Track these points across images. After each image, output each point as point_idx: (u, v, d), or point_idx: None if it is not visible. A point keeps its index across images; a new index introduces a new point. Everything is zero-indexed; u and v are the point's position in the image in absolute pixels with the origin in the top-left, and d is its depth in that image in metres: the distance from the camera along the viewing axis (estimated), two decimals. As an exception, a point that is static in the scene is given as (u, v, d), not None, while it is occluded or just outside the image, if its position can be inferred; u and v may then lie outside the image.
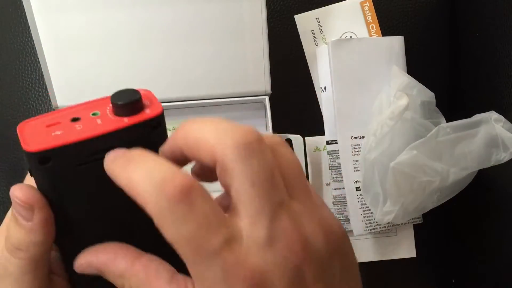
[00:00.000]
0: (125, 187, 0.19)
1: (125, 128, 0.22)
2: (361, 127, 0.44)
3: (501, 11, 0.42)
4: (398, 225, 0.47)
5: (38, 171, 0.21)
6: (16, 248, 0.22)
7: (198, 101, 0.38)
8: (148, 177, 0.19)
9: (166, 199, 0.18)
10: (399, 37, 0.45)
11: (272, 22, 0.45)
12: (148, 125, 0.22)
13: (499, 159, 0.40)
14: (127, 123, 0.22)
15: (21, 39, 0.43)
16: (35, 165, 0.21)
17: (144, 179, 0.19)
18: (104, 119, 0.22)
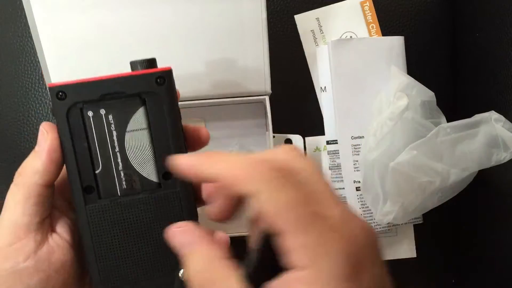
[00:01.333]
0: (217, 178, 0.21)
1: (133, 75, 0.25)
2: (361, 127, 0.44)
3: (501, 11, 0.42)
4: (398, 225, 0.47)
5: (57, 107, 0.25)
6: (18, 174, 0.26)
7: (198, 101, 0.38)
8: (239, 162, 0.21)
9: (261, 173, 0.20)
10: (399, 37, 0.45)
11: (272, 22, 0.45)
12: (154, 78, 0.25)
13: (500, 159, 0.40)
14: (134, 73, 0.25)
15: (21, 39, 0.43)
16: (54, 100, 0.25)
17: (235, 164, 0.21)
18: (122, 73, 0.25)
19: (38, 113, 0.43)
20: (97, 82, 0.25)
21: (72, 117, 0.25)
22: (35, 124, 0.43)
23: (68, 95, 0.25)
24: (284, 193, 0.20)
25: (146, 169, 0.26)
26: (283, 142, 0.44)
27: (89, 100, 0.25)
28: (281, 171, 0.20)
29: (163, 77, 0.25)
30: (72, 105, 0.25)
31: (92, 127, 0.25)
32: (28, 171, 0.25)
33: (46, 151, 0.25)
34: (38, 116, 0.43)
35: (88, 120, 0.25)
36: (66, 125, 0.25)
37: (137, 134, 0.26)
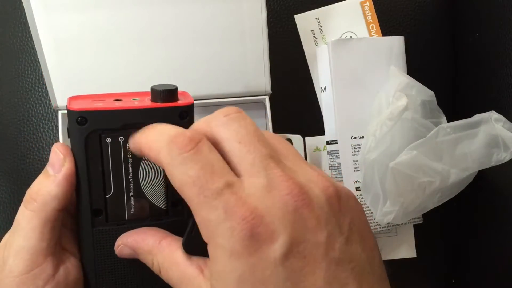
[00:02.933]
0: (142, 148, 0.23)
1: (154, 108, 0.25)
2: (361, 127, 0.44)
3: (501, 11, 0.42)
4: (398, 225, 0.47)
5: (75, 131, 0.24)
6: (32, 199, 0.25)
7: (198, 101, 0.38)
8: (161, 133, 0.22)
9: (176, 147, 0.20)
10: (399, 37, 0.45)
11: (272, 22, 0.45)
12: (176, 112, 0.25)
13: (500, 159, 0.40)
14: (157, 105, 0.25)
15: (21, 39, 0.43)
16: (73, 124, 0.24)
17: (158, 135, 0.22)
18: (141, 102, 0.25)
19: (38, 113, 0.43)
20: (119, 111, 0.24)
21: (90, 142, 0.25)
22: (35, 124, 0.43)
23: (89, 122, 0.24)
24: (188, 169, 0.20)
25: (156, 197, 0.26)
26: (283, 142, 0.44)
27: (109, 129, 0.25)
28: (193, 143, 0.21)
29: (187, 112, 0.25)
30: (91, 132, 0.24)
31: (109, 153, 0.25)
32: (45, 197, 0.24)
33: (65, 177, 0.24)
34: (38, 116, 0.43)
35: (105, 146, 0.25)
36: (83, 150, 0.25)
37: (152, 163, 0.26)
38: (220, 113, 0.22)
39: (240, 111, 0.23)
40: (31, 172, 0.43)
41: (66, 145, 0.25)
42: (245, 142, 0.21)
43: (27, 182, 0.43)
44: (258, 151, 0.21)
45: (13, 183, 0.43)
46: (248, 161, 0.21)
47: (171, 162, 0.21)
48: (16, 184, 0.43)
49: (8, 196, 0.43)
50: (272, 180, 0.20)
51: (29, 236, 0.24)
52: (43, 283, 0.24)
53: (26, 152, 0.43)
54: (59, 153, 0.25)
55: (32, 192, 0.25)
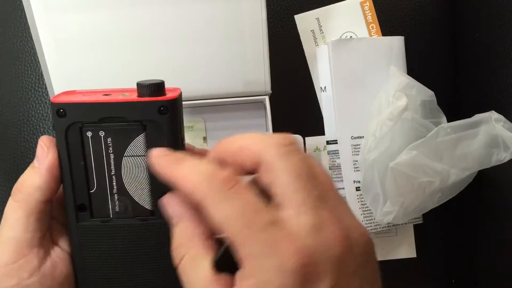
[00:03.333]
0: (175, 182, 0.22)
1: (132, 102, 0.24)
2: (361, 127, 0.44)
3: (501, 11, 0.42)
4: (398, 225, 0.47)
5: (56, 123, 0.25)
6: (17, 190, 0.25)
7: (198, 101, 0.38)
8: (198, 171, 0.21)
9: (216, 185, 0.20)
10: (399, 37, 0.45)
11: (272, 22, 0.45)
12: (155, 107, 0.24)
13: (500, 159, 0.40)
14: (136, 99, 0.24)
15: (21, 39, 0.43)
16: (54, 117, 0.24)
17: (194, 172, 0.21)
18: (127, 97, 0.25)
19: (38, 113, 0.43)
20: (98, 104, 0.24)
21: (71, 135, 0.25)
22: (35, 124, 0.43)
23: (68, 114, 0.24)
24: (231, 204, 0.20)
25: (140, 195, 0.26)
26: (283, 142, 0.44)
27: (88, 121, 0.25)
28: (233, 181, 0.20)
29: (166, 106, 0.25)
30: (71, 124, 0.25)
31: (90, 147, 0.25)
32: (28, 188, 0.25)
33: (47, 168, 0.25)
34: (38, 116, 0.43)
35: (86, 139, 0.25)
36: (64, 142, 0.25)
37: (134, 160, 0.25)
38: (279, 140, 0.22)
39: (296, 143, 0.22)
40: (31, 172, 0.43)
41: (51, 137, 0.25)
42: (301, 179, 0.20)
43: (27, 182, 0.43)
44: (311, 191, 0.20)
45: (13, 183, 0.43)
46: (299, 199, 0.20)
47: (212, 197, 0.20)
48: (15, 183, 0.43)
49: (8, 196, 0.43)
50: (321, 221, 0.20)
51: (14, 226, 0.25)
52: (28, 274, 0.24)
53: (26, 152, 0.43)
54: (43, 145, 0.25)
55: (18, 184, 0.25)
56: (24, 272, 0.24)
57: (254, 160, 0.21)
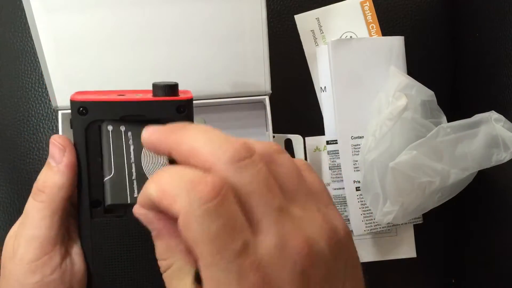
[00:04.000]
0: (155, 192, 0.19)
1: (153, 101, 0.25)
2: (361, 127, 0.44)
3: (501, 11, 0.42)
4: (398, 225, 0.47)
5: (76, 121, 0.25)
6: (39, 191, 0.26)
7: (198, 101, 0.38)
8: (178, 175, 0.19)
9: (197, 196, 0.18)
10: (399, 37, 0.45)
11: (272, 22, 0.45)
12: (174, 105, 0.25)
13: (500, 159, 0.40)
14: (156, 98, 0.25)
15: (21, 39, 0.43)
16: (75, 114, 0.25)
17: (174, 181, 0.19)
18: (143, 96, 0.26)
19: (38, 113, 0.43)
20: (119, 103, 0.25)
21: (91, 132, 0.26)
22: (35, 124, 0.43)
23: (89, 112, 0.25)
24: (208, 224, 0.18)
25: None
26: (283, 142, 0.44)
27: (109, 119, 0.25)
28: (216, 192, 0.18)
29: (184, 106, 0.26)
30: (91, 122, 0.25)
31: (110, 140, 0.26)
32: (52, 188, 0.25)
33: (69, 167, 0.25)
34: (38, 116, 0.43)
35: (106, 133, 0.26)
36: (84, 140, 0.26)
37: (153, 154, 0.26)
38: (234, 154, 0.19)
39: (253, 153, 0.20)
40: (31, 172, 0.43)
41: (64, 136, 0.26)
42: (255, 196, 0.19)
43: (27, 182, 0.43)
44: (269, 205, 0.19)
45: (13, 183, 0.43)
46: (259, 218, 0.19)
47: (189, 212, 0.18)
48: (16, 184, 0.43)
49: (8, 196, 0.43)
50: (282, 238, 0.19)
51: (39, 225, 0.25)
52: (51, 271, 0.25)
53: (26, 152, 0.43)
54: (58, 144, 0.26)
55: (39, 185, 0.26)
56: (47, 268, 0.25)
57: (205, 168, 0.19)
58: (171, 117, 0.25)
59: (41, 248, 0.25)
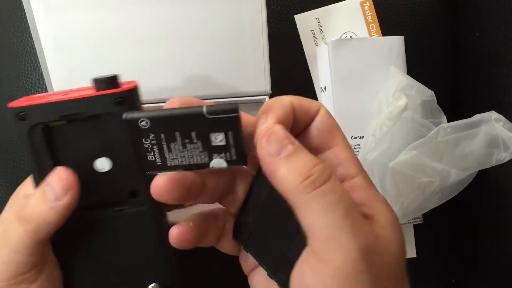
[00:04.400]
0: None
1: (90, 97, 0.25)
2: (361, 127, 0.44)
3: (502, 11, 0.42)
4: (398, 225, 0.47)
5: (18, 127, 0.25)
6: (26, 220, 0.24)
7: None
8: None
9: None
10: (399, 37, 0.45)
11: (272, 22, 0.45)
12: (112, 99, 0.25)
13: (500, 159, 0.40)
14: (92, 94, 0.25)
15: (21, 39, 0.43)
16: (15, 121, 0.25)
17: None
18: (85, 93, 0.25)
19: (38, 113, 0.43)
20: (57, 103, 0.25)
21: (34, 136, 0.25)
22: (35, 124, 0.43)
23: (29, 116, 0.24)
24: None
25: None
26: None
27: (49, 121, 0.25)
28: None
29: (122, 97, 0.25)
30: (33, 126, 0.25)
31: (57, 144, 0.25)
32: (40, 221, 0.24)
33: (67, 207, 0.24)
34: (38, 116, 0.43)
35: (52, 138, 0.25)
36: (29, 145, 0.25)
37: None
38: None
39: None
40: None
41: (71, 172, 0.24)
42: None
43: (27, 182, 0.43)
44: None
45: (13, 184, 0.43)
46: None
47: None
48: (16, 184, 0.43)
49: (8, 196, 0.43)
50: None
51: (19, 252, 0.24)
52: (28, 285, 0.25)
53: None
54: (63, 180, 0.24)
55: (27, 213, 0.24)
56: (24, 285, 0.25)
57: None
58: (109, 111, 0.24)
59: (18, 271, 0.24)
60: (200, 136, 0.23)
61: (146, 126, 0.22)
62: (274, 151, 0.22)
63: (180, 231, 0.25)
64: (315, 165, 0.22)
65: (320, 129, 0.25)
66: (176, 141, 0.23)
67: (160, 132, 0.23)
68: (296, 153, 0.22)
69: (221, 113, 0.22)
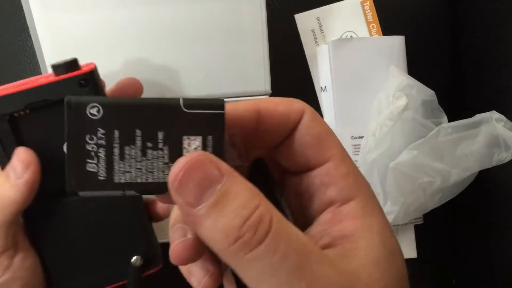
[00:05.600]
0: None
1: (55, 81, 0.24)
2: (361, 127, 0.44)
3: (502, 11, 0.42)
4: (399, 225, 0.47)
5: None
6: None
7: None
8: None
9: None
10: (399, 36, 0.45)
11: (272, 22, 0.45)
12: (76, 81, 0.25)
13: (501, 159, 0.40)
14: (54, 79, 0.24)
15: (21, 39, 0.43)
16: None
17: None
18: (46, 79, 0.25)
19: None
20: (20, 92, 0.24)
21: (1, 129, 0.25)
22: (34, 124, 0.43)
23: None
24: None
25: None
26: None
27: (15, 111, 0.25)
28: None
29: (86, 79, 0.25)
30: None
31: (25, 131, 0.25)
32: (4, 201, 0.25)
33: (28, 185, 0.24)
34: (38, 116, 0.43)
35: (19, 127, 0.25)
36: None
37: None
38: None
39: None
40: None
41: (31, 151, 0.25)
42: None
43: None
44: None
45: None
46: None
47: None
48: None
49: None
50: None
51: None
52: (1, 273, 0.25)
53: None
54: (22, 158, 0.25)
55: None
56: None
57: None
58: (75, 93, 0.24)
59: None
60: (169, 139, 0.17)
61: (97, 116, 0.17)
62: (193, 198, 0.16)
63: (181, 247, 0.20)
64: (247, 218, 0.16)
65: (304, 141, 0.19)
66: (135, 144, 0.17)
67: (115, 128, 0.17)
68: (222, 200, 0.16)
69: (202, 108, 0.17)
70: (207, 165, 0.16)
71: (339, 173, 0.19)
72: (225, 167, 0.16)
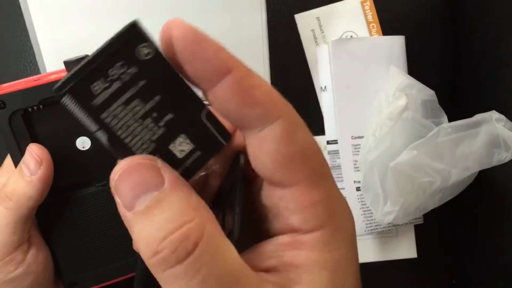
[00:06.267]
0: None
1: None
2: (361, 127, 0.44)
3: (502, 11, 0.42)
4: (399, 225, 0.47)
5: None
6: (7, 197, 0.25)
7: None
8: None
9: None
10: (400, 36, 0.45)
11: (272, 21, 0.45)
12: None
13: (501, 159, 0.40)
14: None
15: (20, 39, 0.43)
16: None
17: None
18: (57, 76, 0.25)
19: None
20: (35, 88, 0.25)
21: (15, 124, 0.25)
22: (34, 124, 0.43)
23: (8, 104, 0.25)
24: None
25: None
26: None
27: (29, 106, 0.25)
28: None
29: None
30: (12, 113, 0.25)
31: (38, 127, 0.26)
32: (20, 197, 0.25)
33: (42, 181, 0.25)
34: (38, 116, 0.43)
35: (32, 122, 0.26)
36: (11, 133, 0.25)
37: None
38: None
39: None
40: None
41: (43, 147, 0.26)
42: None
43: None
44: None
45: None
46: None
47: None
48: None
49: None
50: None
51: (2, 231, 0.25)
52: (15, 267, 0.26)
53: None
54: (36, 155, 0.25)
55: (7, 191, 0.25)
56: (11, 266, 0.26)
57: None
58: None
59: (3, 251, 0.25)
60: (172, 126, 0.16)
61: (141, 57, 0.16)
62: (127, 201, 0.15)
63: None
64: (171, 232, 0.15)
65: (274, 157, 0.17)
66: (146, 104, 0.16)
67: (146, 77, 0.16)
68: (153, 209, 0.15)
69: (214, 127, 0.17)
70: (146, 170, 0.15)
71: (307, 201, 0.17)
72: (170, 176, 0.16)
